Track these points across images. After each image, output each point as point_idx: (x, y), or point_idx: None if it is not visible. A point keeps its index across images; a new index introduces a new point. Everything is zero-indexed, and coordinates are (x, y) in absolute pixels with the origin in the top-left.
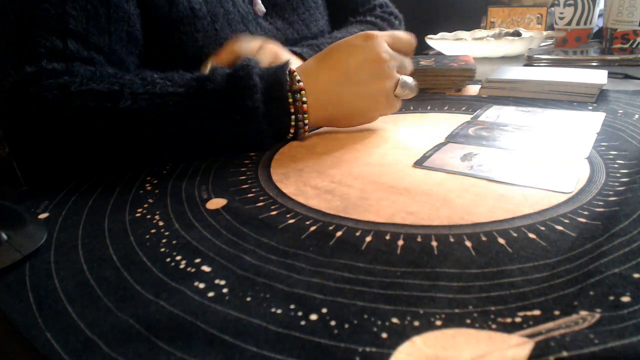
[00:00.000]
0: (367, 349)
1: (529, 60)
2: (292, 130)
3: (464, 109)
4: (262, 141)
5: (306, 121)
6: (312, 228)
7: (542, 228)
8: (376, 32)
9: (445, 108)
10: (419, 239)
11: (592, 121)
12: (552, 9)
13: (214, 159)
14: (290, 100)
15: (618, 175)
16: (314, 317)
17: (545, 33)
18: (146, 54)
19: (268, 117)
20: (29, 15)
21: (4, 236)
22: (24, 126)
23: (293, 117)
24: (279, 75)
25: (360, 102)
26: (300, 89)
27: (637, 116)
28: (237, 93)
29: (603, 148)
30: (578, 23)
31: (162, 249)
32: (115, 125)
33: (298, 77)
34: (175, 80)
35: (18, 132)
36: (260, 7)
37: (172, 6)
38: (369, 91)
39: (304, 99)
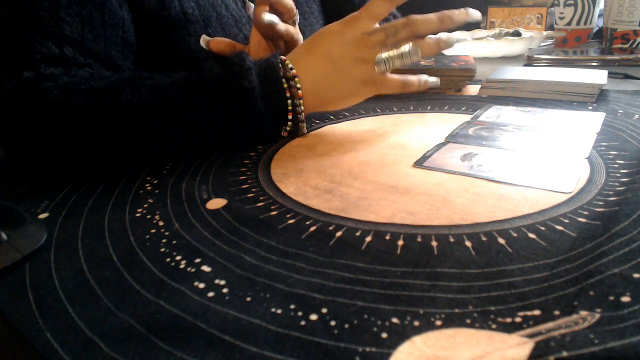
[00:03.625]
0: (367, 349)
1: (529, 60)
2: (290, 116)
3: (464, 109)
4: (262, 127)
5: (302, 107)
6: (312, 228)
7: (542, 228)
8: (357, 14)
9: (445, 108)
10: (419, 239)
11: (592, 121)
12: (552, 9)
13: (214, 158)
14: (286, 85)
15: (618, 175)
16: (314, 317)
17: (545, 33)
18: (139, 58)
19: (265, 98)
20: (23, 21)
21: (4, 236)
22: (26, 129)
23: (289, 101)
24: (271, 60)
25: (350, 86)
26: (294, 76)
27: (637, 116)
28: (234, 76)
29: (603, 148)
30: (578, 23)
31: (162, 249)
32: (117, 120)
33: (290, 65)
34: (173, 75)
35: (19, 135)
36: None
37: (164, 10)
38: (354, 75)
39: (298, 85)
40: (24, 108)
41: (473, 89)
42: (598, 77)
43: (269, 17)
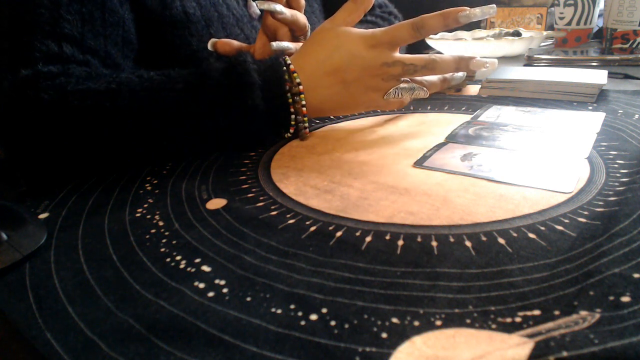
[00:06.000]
0: (367, 349)
1: (529, 60)
2: (292, 130)
3: (464, 109)
4: (262, 138)
5: (306, 124)
6: (312, 228)
7: (542, 228)
8: (380, 37)
9: (445, 108)
10: (419, 239)
11: (592, 121)
12: (552, 9)
13: (214, 158)
14: (290, 100)
15: (618, 175)
16: (314, 317)
17: (545, 33)
18: (140, 57)
19: (268, 114)
20: (23, 19)
21: (4, 236)
22: (23, 129)
23: (293, 116)
24: (275, 69)
25: (353, 107)
26: (300, 92)
27: (637, 116)
28: (236, 90)
29: (603, 148)
30: (578, 23)
31: (162, 249)
32: (114, 124)
33: (298, 80)
34: (172, 77)
35: (17, 135)
36: (255, 10)
37: (165, 10)
38: (362, 101)
39: (303, 102)
40: (21, 107)
41: (473, 89)
42: (598, 77)
43: (278, 44)
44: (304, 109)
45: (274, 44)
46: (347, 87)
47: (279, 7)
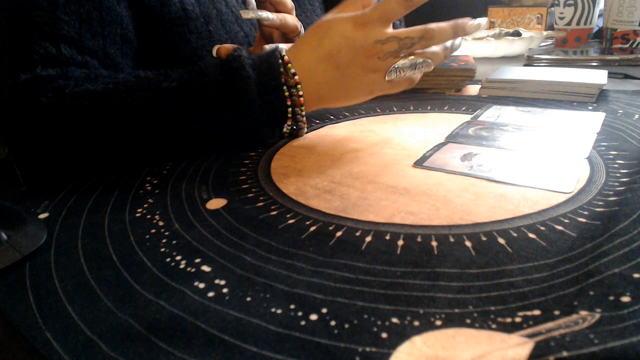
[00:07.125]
0: (367, 349)
1: (529, 60)
2: (289, 122)
3: (464, 109)
4: (260, 133)
5: (303, 114)
6: (312, 228)
7: (542, 228)
8: (368, 15)
9: (445, 108)
10: (419, 239)
11: (592, 121)
12: (552, 9)
13: (214, 158)
14: (287, 94)
15: (618, 175)
16: (314, 317)
17: (545, 33)
18: (139, 56)
19: (264, 108)
20: (21, 22)
21: (4, 236)
22: (23, 132)
23: (290, 109)
24: (271, 63)
25: (354, 92)
26: (297, 83)
27: (637, 116)
28: (232, 86)
29: (603, 148)
30: (578, 23)
31: (162, 249)
32: (112, 124)
33: (293, 70)
34: (169, 76)
35: (18, 138)
36: (254, 8)
37: (164, 7)
38: (362, 84)
39: (300, 92)
40: (21, 111)
41: (473, 89)
42: (598, 77)
43: (270, 48)
44: (301, 99)
45: (266, 47)
46: (342, 71)
47: (264, 14)
